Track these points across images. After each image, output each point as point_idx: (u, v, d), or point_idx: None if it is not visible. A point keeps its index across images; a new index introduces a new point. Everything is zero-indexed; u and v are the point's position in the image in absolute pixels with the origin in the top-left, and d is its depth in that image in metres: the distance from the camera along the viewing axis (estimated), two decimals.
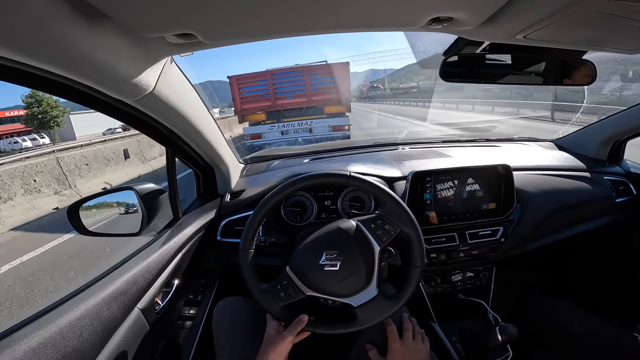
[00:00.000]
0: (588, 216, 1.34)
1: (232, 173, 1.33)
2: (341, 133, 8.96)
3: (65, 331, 0.62)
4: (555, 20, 0.52)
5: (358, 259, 0.79)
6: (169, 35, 0.55)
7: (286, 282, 0.80)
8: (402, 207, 0.82)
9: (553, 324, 1.06)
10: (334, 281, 0.78)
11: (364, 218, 0.84)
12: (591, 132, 1.54)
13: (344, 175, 0.85)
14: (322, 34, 0.61)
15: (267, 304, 0.81)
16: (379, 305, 0.78)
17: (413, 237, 0.81)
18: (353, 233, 0.82)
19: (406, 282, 0.81)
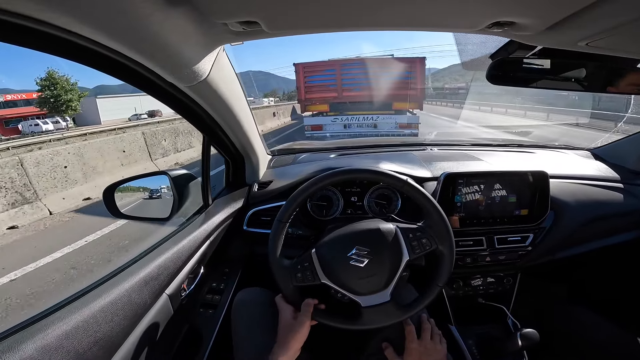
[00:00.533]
0: (622, 228, 1.30)
1: (261, 164, 1.34)
2: (408, 131, 8.53)
3: (99, 315, 0.62)
4: (624, 30, 0.50)
5: (385, 262, 0.79)
6: (232, 23, 0.55)
7: (307, 264, 0.81)
8: (446, 226, 0.81)
9: (578, 333, 1.05)
10: (355, 277, 0.78)
11: (405, 226, 0.83)
12: (631, 143, 1.48)
13: (400, 179, 0.83)
14: (382, 30, 0.60)
15: (282, 281, 0.81)
16: (388, 311, 0.78)
17: (446, 256, 0.81)
18: (389, 237, 0.81)
19: (423, 296, 0.81)
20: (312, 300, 0.81)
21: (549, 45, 0.69)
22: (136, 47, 0.52)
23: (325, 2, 0.50)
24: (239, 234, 1.21)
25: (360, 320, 0.79)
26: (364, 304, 0.79)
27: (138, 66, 0.60)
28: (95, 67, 0.55)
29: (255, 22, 0.54)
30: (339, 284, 0.79)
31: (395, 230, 0.82)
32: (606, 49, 0.64)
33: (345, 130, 8.69)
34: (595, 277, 1.56)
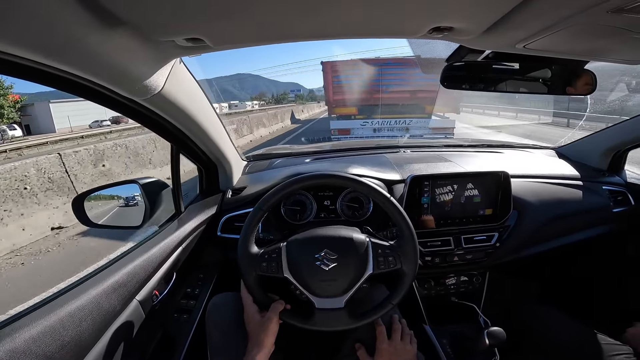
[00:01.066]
0: (584, 225, 1.34)
1: (235, 170, 1.35)
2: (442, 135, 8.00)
3: (65, 320, 0.64)
4: (555, 30, 0.54)
5: (349, 271, 0.81)
6: (179, 39, 0.57)
7: (275, 255, 0.83)
8: (415, 250, 0.83)
9: (542, 331, 1.07)
10: (317, 279, 0.80)
11: (377, 241, 0.85)
12: (593, 141, 1.54)
13: (384, 195, 0.85)
14: (325, 39, 0.63)
15: (246, 268, 0.83)
16: (339, 317, 0.81)
17: (407, 277, 0.83)
18: (359, 248, 0.83)
19: (374, 310, 0.83)
20: (281, 303, 0.83)
21: (490, 49, 0.73)
22: (78, 65, 0.54)
23: (264, 17, 0.52)
24: (213, 240, 1.22)
25: (311, 321, 0.81)
26: (318, 306, 0.81)
27: (86, 81, 0.62)
28: (39, 82, 0.56)
29: (200, 39, 0.57)
30: (300, 282, 0.81)
31: (366, 243, 0.84)
32: (543, 51, 0.68)
33: (374, 134, 8.06)
34: (561, 275, 1.61)
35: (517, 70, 0.89)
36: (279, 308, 0.82)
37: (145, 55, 0.61)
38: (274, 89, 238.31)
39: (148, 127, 0.90)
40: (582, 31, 0.54)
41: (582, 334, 1.02)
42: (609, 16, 0.46)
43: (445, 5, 0.50)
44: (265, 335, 0.77)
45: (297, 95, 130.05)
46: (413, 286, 1.32)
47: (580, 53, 0.72)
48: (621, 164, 1.50)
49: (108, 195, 1.09)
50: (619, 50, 0.66)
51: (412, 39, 0.83)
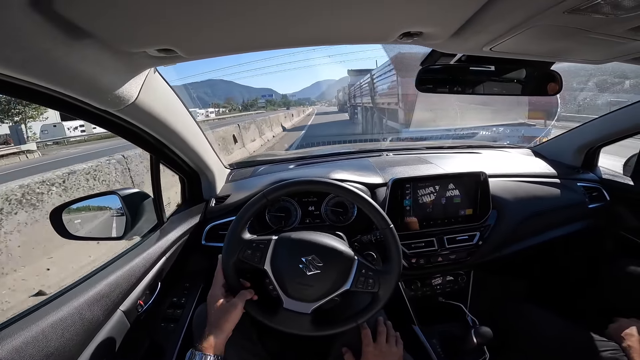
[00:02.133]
0: (561, 222, 1.38)
1: (218, 178, 1.35)
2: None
3: (48, 331, 0.64)
4: (517, 33, 0.56)
5: (328, 282, 0.81)
6: (150, 50, 0.58)
7: (262, 246, 0.83)
8: (397, 279, 0.84)
9: (526, 329, 1.08)
10: (295, 280, 0.81)
11: (364, 262, 0.85)
12: (566, 139, 1.59)
13: (386, 222, 0.86)
14: (295, 47, 0.64)
15: (229, 249, 0.83)
16: (302, 322, 0.81)
17: (379, 302, 0.83)
18: (345, 263, 0.83)
19: (338, 323, 0.83)
20: (250, 292, 0.83)
21: (459, 52, 0.75)
22: (45, 78, 0.54)
23: (235, 27, 0.53)
24: (198, 249, 1.21)
25: (275, 318, 0.81)
26: (285, 305, 0.81)
27: (61, 95, 0.61)
28: (6, 94, 0.56)
29: (171, 49, 0.57)
30: (277, 278, 0.82)
31: (353, 260, 0.84)
32: (509, 53, 0.71)
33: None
34: (543, 272, 1.65)
35: (487, 72, 0.91)
36: (246, 296, 0.81)
37: (116, 67, 0.62)
38: (247, 95, 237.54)
39: (124, 137, 0.89)
40: (542, 32, 0.56)
41: (566, 330, 1.03)
42: (565, 17, 0.48)
43: (413, 10, 0.52)
44: (225, 321, 0.75)
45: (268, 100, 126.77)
46: (400, 288, 1.34)
47: (545, 54, 0.75)
48: (594, 160, 1.55)
49: (87, 206, 1.07)
50: (580, 50, 0.69)
51: (388, 46, 0.85)
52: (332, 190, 0.90)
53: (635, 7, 0.43)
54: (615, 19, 0.48)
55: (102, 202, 1.08)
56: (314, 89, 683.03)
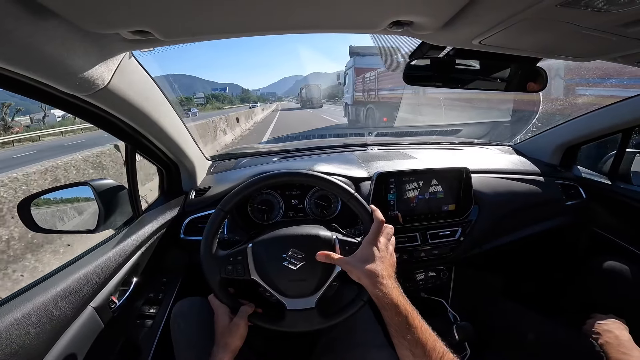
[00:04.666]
0: (539, 218, 1.42)
1: (198, 170, 1.31)
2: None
3: (11, 329, 0.61)
4: (508, 25, 0.55)
5: (317, 270, 0.80)
6: (123, 32, 0.54)
7: (241, 257, 0.81)
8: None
9: (505, 325, 1.10)
10: (286, 279, 0.79)
11: (344, 238, 0.84)
12: (546, 138, 1.63)
13: (348, 192, 0.85)
14: (282, 34, 0.61)
15: (210, 272, 0.81)
16: (310, 317, 0.80)
17: None
18: (327, 245, 0.82)
19: (346, 308, 0.82)
20: (250, 306, 0.81)
21: (449, 44, 0.74)
22: (7, 59, 0.49)
23: (212, 9, 0.50)
24: (176, 242, 1.17)
25: (283, 322, 0.80)
26: (289, 307, 0.80)
27: (20, 76, 0.57)
28: None
29: (147, 31, 0.53)
30: (268, 283, 0.80)
31: (333, 240, 0.83)
32: (498, 47, 0.70)
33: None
34: (522, 268, 1.69)
35: (475, 67, 0.92)
36: (247, 311, 0.80)
37: (86, 49, 0.57)
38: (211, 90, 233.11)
39: (95, 124, 0.84)
40: (533, 26, 0.55)
41: (543, 327, 1.04)
42: (558, 10, 0.48)
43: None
44: (231, 338, 0.76)
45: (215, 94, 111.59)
46: None
47: (533, 50, 0.75)
48: (572, 159, 1.60)
49: (57, 198, 1.01)
50: (568, 46, 0.69)
51: (377, 37, 0.84)
52: (286, 179, 0.88)
53: (628, 2, 0.43)
54: (607, 14, 0.47)
55: (73, 193, 1.03)
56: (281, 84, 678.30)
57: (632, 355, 0.83)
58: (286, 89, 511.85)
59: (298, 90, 48.90)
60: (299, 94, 55.80)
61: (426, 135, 2.30)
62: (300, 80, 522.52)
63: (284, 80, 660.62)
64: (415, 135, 2.30)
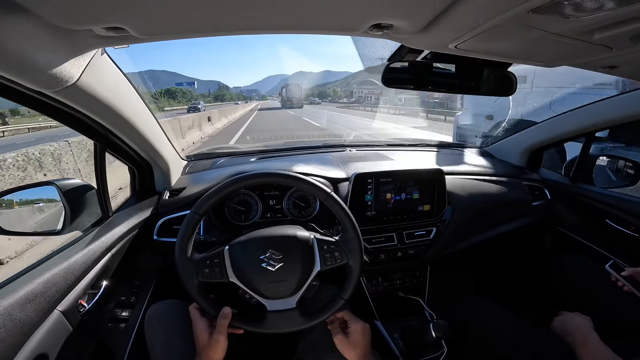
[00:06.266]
0: (508, 218, 1.48)
1: (173, 170, 1.28)
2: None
3: None
4: (483, 30, 0.57)
5: (297, 270, 0.80)
6: (97, 29, 0.51)
7: (218, 260, 0.80)
8: (359, 243, 0.84)
9: (478, 323, 1.12)
10: (265, 280, 0.79)
11: (322, 237, 0.85)
12: (513, 141, 1.71)
13: (324, 192, 0.84)
14: (261, 34, 0.60)
15: (186, 276, 0.79)
16: (291, 317, 0.80)
17: (354, 271, 0.83)
18: (305, 246, 0.82)
19: (327, 307, 0.83)
20: (227, 308, 0.79)
21: (427, 48, 0.76)
22: None
23: (195, 7, 0.48)
24: (149, 244, 1.14)
25: (264, 324, 0.79)
26: (269, 308, 0.80)
27: None
28: None
29: (122, 28, 0.51)
30: (247, 285, 0.79)
31: (311, 240, 0.83)
32: (473, 52, 0.73)
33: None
34: (493, 266, 1.75)
35: (450, 71, 0.94)
36: (225, 325, 0.78)
37: (55, 45, 0.55)
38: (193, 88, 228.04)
39: (63, 122, 0.80)
40: (506, 31, 0.58)
41: (514, 324, 1.07)
42: (530, 16, 0.50)
43: (386, 1, 0.51)
44: (212, 353, 0.74)
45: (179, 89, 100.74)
46: (362, 283, 1.35)
47: (505, 55, 0.77)
48: (538, 162, 1.68)
49: (20, 199, 0.96)
50: (538, 52, 0.73)
51: (357, 38, 0.85)
52: (263, 180, 0.87)
53: (595, 9, 0.46)
54: (575, 20, 0.50)
55: (37, 193, 0.97)
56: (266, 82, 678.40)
57: (600, 353, 0.86)
58: (271, 88, 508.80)
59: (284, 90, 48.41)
60: (279, 93, 55.21)
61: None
62: (285, 79, 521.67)
63: (268, 79, 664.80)
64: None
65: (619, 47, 0.61)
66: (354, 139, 1.99)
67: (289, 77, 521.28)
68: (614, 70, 0.79)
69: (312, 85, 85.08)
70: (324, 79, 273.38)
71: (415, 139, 1.94)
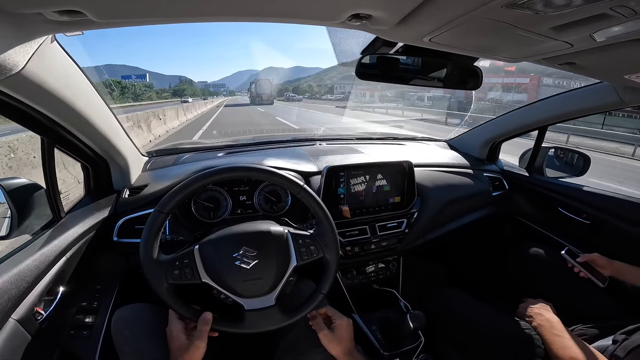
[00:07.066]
0: (472, 208, 1.55)
1: (132, 166, 1.19)
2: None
3: None
4: (457, 24, 0.58)
5: (272, 267, 0.78)
6: (48, 12, 0.45)
7: (188, 261, 0.76)
8: (334, 236, 0.83)
9: (448, 312, 1.15)
10: (240, 279, 0.76)
11: (296, 232, 0.83)
12: (475, 134, 1.79)
13: (297, 184, 0.82)
14: (234, 21, 0.56)
15: (154, 278, 0.75)
16: (271, 315, 0.78)
17: (331, 265, 0.83)
18: (279, 241, 0.80)
19: (306, 302, 0.82)
20: (208, 314, 0.76)
21: (402, 41, 0.76)
22: None
23: None
24: (109, 246, 1.06)
25: (242, 324, 0.77)
26: (247, 307, 0.77)
27: None
28: None
29: (78, 11, 0.45)
30: (222, 285, 0.76)
31: (286, 235, 0.82)
32: (446, 45, 0.74)
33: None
34: (461, 256, 1.83)
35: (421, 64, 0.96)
36: (206, 331, 0.74)
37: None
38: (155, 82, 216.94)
39: (5, 115, 0.72)
40: (479, 26, 0.59)
41: (482, 313, 1.10)
42: (502, 11, 0.51)
43: None
44: (189, 357, 0.71)
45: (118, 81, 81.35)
46: (338, 277, 1.35)
47: (474, 49, 0.79)
48: (496, 154, 1.78)
49: None
50: (505, 47, 0.75)
51: (333, 33, 0.83)
52: (232, 175, 0.84)
53: (563, 5, 0.47)
54: (543, 16, 0.52)
55: None
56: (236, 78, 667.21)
57: (564, 337, 0.90)
58: (240, 83, 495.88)
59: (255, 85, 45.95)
60: (248, 89, 52.82)
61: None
62: (255, 74, 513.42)
63: (238, 74, 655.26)
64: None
65: (579, 43, 0.65)
66: (323, 133, 1.98)
67: (259, 73, 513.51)
68: (572, 67, 0.85)
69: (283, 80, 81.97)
70: (294, 75, 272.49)
71: (385, 133, 1.98)
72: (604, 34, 0.58)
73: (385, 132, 1.98)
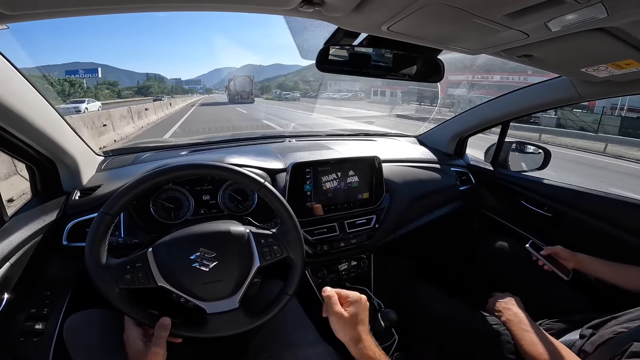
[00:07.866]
0: (441, 203, 1.57)
1: (83, 167, 1.11)
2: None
3: None
4: (413, 11, 0.56)
5: (234, 268, 0.75)
6: None
7: (140, 264, 0.72)
8: (298, 234, 0.81)
9: (419, 308, 1.15)
10: (199, 282, 0.73)
11: (258, 231, 0.80)
12: (442, 130, 1.82)
13: (258, 182, 0.79)
14: (171, 10, 0.52)
15: (103, 283, 0.70)
16: (235, 318, 0.76)
17: (296, 264, 0.81)
18: (240, 241, 0.77)
19: (272, 304, 0.80)
20: (166, 319, 0.71)
21: (360, 30, 0.74)
22: None
23: None
24: (58, 250, 0.99)
25: (206, 328, 0.74)
26: (209, 311, 0.74)
27: None
28: None
29: None
30: (180, 289, 0.72)
31: (247, 235, 0.78)
32: (404, 35, 0.72)
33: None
34: (431, 252, 1.85)
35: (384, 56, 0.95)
36: (164, 337, 0.70)
37: None
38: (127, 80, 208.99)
39: None
40: (435, 13, 0.58)
41: (452, 308, 1.10)
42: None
43: None
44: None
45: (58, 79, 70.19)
46: (307, 277, 1.32)
47: (433, 39, 0.78)
48: (463, 148, 1.81)
49: None
50: (462, 37, 0.75)
51: (293, 25, 0.79)
52: (186, 173, 0.80)
53: None
54: (496, 1, 0.51)
55: None
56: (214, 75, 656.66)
57: (532, 331, 0.90)
58: (218, 80, 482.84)
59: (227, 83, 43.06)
60: (226, 87, 50.08)
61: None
62: (233, 72, 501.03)
63: (216, 72, 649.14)
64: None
65: (534, 33, 0.66)
66: (293, 130, 1.95)
67: (237, 70, 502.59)
68: (530, 60, 0.86)
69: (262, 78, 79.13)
70: (274, 72, 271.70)
71: (355, 129, 1.97)
72: (559, 22, 0.58)
73: (354, 129, 1.97)
